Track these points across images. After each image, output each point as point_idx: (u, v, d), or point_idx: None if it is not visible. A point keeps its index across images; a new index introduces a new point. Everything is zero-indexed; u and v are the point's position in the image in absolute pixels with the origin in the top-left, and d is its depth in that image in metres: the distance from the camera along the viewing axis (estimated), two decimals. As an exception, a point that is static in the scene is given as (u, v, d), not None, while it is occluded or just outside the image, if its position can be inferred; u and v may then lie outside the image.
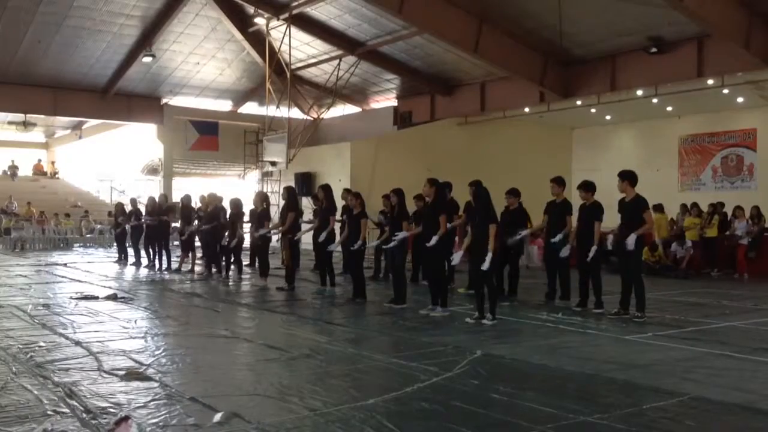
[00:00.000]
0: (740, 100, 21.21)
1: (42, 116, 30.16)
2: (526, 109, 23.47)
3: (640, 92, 20.45)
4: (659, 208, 16.36)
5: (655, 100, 20.97)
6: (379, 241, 11.06)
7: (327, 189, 12.20)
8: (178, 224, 16.16)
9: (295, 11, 22.25)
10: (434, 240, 9.24)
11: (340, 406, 4.85)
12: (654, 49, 18.48)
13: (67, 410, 4.67)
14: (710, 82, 18.81)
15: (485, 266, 8.50)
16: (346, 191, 13.28)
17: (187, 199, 16.11)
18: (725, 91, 19.51)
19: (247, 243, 15.66)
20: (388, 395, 5.12)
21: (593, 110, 23.08)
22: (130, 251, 18.21)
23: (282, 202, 13.47)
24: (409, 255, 11.25)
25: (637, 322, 8.70)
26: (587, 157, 26.85)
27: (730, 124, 23.20)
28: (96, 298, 10.63)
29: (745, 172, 22.88)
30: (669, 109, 22.68)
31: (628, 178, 9.40)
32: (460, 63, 22.73)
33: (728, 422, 4.74)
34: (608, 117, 24.77)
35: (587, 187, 10.16)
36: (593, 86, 20.83)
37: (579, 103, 22.13)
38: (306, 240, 13.90)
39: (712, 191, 22.40)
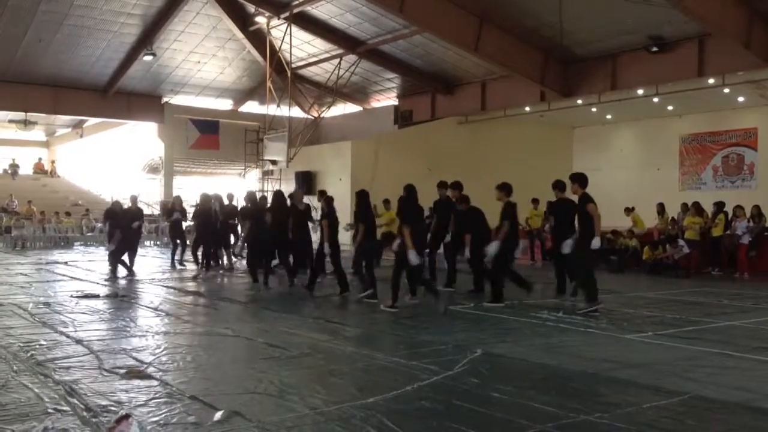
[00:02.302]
0: (741, 99, 21.21)
1: (43, 115, 30.17)
2: (527, 108, 23.46)
3: (640, 91, 20.45)
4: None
5: (655, 99, 20.96)
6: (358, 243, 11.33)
7: (277, 194, 13.33)
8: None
9: (295, 10, 22.25)
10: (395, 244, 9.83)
11: (340, 404, 4.85)
12: (655, 48, 18.48)
13: (67, 408, 4.67)
14: (711, 81, 18.81)
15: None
16: (319, 193, 13.56)
17: (218, 198, 16.06)
18: (726, 90, 19.50)
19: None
20: (389, 394, 5.11)
21: (594, 109, 23.08)
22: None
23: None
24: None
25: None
26: (588, 156, 26.83)
27: (730, 123, 23.19)
28: (97, 296, 10.64)
29: (745, 172, 22.87)
30: (670, 108, 22.67)
31: (578, 180, 9.83)
32: (461, 62, 22.73)
33: (728, 421, 4.73)
34: (609, 116, 24.76)
35: (561, 185, 10.85)
36: (594, 85, 20.83)
37: (580, 102, 22.13)
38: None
39: (712, 190, 22.40)
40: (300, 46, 24.61)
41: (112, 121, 30.29)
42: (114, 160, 34.00)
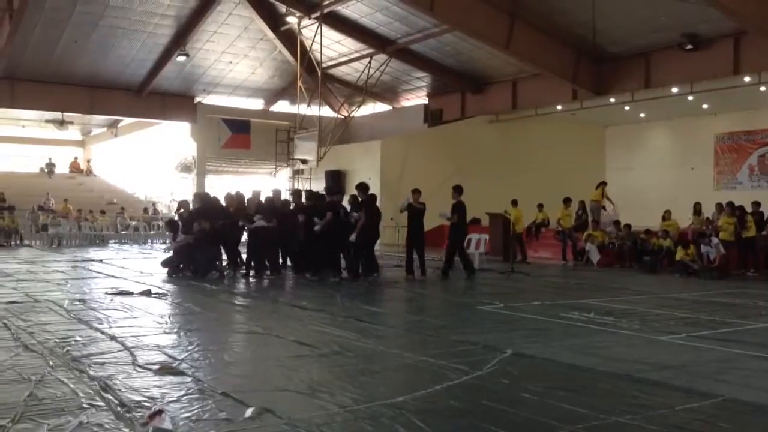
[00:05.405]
0: (778, 97, 20.80)
1: (78, 115, 30.74)
2: (559, 107, 23.26)
3: (675, 89, 20.17)
4: (514, 203, 17.97)
5: (690, 98, 20.66)
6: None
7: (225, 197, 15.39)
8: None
9: (326, 10, 22.35)
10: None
11: (369, 403, 4.87)
12: (689, 46, 18.21)
13: (102, 403, 4.75)
14: (747, 79, 18.50)
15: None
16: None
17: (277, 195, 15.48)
18: (762, 88, 19.15)
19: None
20: (418, 393, 5.12)
21: (627, 108, 22.81)
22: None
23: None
24: None
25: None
26: (621, 155, 26.55)
27: (767, 122, 22.76)
28: (131, 293, 10.78)
29: (782, 171, 22.45)
30: (705, 106, 22.32)
31: (361, 189, 12.99)
32: (491, 60, 22.62)
33: (762, 424, 4.66)
34: (642, 114, 24.46)
35: (457, 189, 13.46)
36: (627, 83, 20.60)
37: (612, 100, 21.89)
38: None
39: (748, 190, 22.01)
40: (330, 46, 24.70)
41: (146, 120, 30.72)
42: (147, 160, 34.46)
